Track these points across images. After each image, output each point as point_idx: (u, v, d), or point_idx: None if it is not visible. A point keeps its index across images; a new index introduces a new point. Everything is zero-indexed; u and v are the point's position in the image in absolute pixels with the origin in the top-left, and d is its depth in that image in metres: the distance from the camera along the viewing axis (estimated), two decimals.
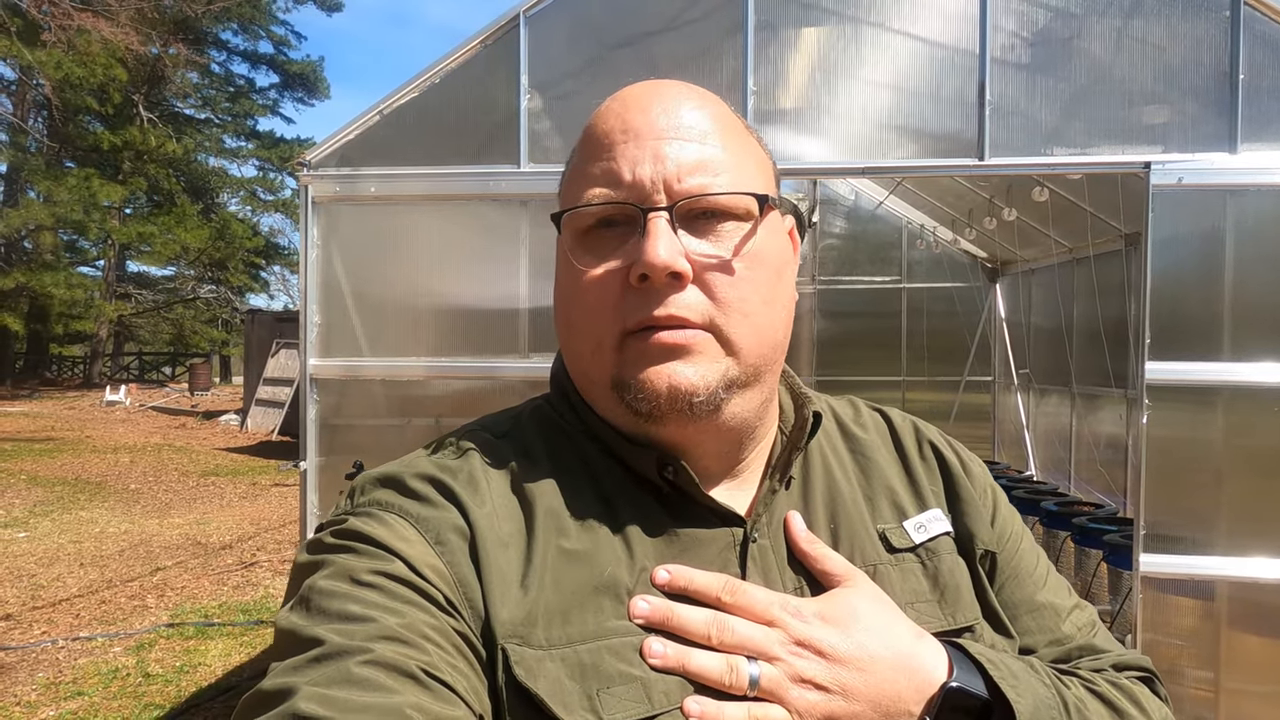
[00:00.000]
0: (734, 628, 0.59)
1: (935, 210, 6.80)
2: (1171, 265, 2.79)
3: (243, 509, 9.46)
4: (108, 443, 14.35)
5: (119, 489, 10.49)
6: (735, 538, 0.65)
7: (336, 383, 2.99)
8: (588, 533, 0.63)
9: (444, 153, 2.94)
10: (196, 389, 22.49)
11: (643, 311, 0.62)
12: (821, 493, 0.71)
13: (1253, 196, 2.75)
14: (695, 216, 0.64)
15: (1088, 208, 4.61)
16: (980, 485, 0.77)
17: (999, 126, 2.84)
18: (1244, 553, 2.75)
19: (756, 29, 2.89)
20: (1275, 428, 2.75)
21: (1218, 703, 2.77)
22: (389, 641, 0.52)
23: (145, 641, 5.33)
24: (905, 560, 0.70)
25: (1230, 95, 2.76)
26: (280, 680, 0.50)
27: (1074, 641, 0.74)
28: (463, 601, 0.58)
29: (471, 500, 0.62)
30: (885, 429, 0.80)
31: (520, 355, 2.92)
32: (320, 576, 0.57)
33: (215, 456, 13.18)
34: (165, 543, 7.88)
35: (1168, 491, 2.79)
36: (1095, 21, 2.85)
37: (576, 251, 0.65)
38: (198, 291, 29.47)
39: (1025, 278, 6.60)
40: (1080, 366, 5.37)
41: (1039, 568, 0.76)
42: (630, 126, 0.65)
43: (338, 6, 28.63)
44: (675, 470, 0.64)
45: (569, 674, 0.56)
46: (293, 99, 29.99)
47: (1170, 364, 2.76)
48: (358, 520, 0.61)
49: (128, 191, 25.08)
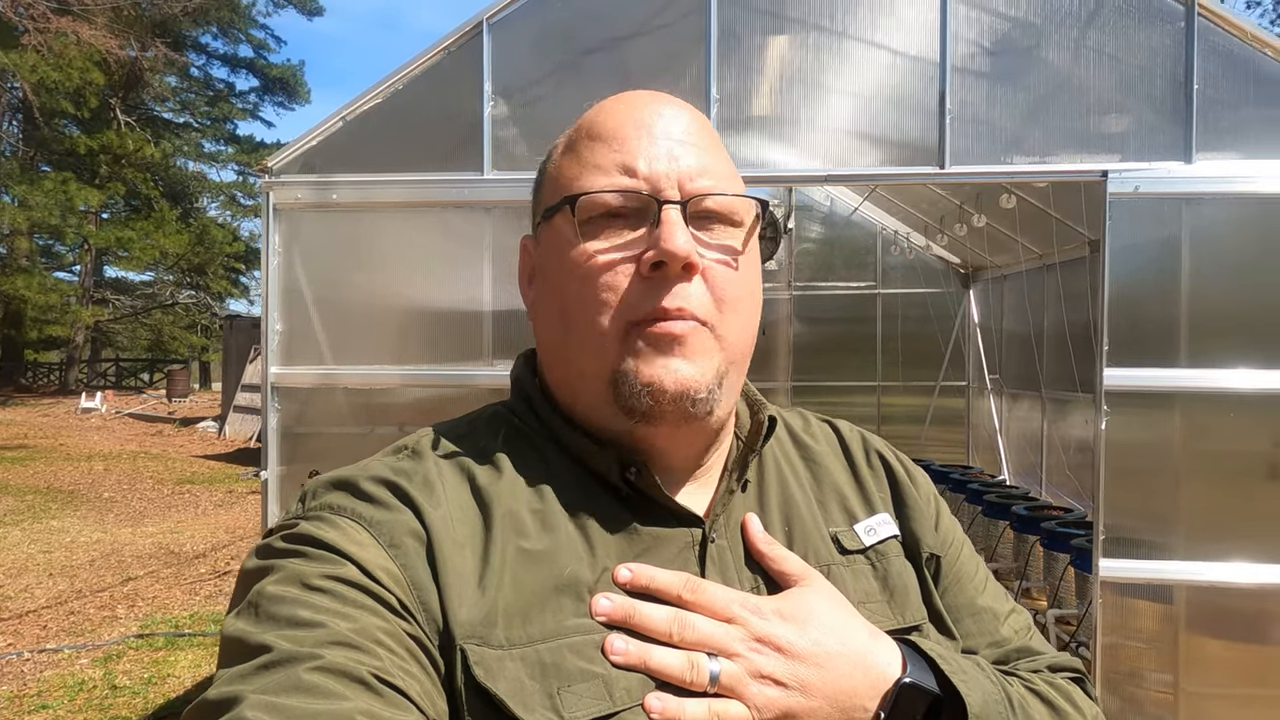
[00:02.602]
0: (695, 625, 0.60)
1: (909, 216, 6.85)
2: (1129, 273, 2.83)
3: (218, 517, 9.36)
4: (82, 450, 14.17)
5: (92, 497, 10.35)
6: (694, 538, 0.66)
7: (299, 391, 2.97)
8: (548, 533, 0.63)
9: (408, 159, 2.93)
10: (174, 395, 22.25)
11: (651, 301, 0.63)
12: (776, 496, 0.73)
13: (1208, 205, 2.79)
14: (699, 217, 0.66)
15: (1054, 214, 4.66)
16: (925, 493, 0.79)
17: (960, 135, 2.86)
18: (1202, 557, 2.78)
19: (720, 37, 2.90)
20: (1231, 433, 2.78)
21: (1177, 705, 2.80)
22: (339, 647, 0.51)
23: (113, 653, 5.26)
24: (856, 562, 0.71)
25: (1185, 105, 2.80)
26: (227, 689, 0.49)
27: (1012, 644, 0.76)
28: (417, 605, 0.57)
29: (427, 502, 0.61)
30: (834, 438, 0.82)
31: (484, 362, 2.91)
32: (269, 582, 0.56)
33: (192, 464, 13.05)
34: (137, 552, 7.79)
35: (1127, 497, 2.82)
36: (1054, 32, 2.88)
37: (582, 239, 0.66)
38: (176, 297, 29.18)
39: (997, 284, 6.66)
40: (1050, 371, 5.42)
41: (979, 574, 0.79)
42: (644, 124, 0.67)
43: (318, 10, 28.48)
44: (638, 471, 0.65)
45: (529, 673, 0.56)
46: (273, 103, 29.79)
47: (1128, 370, 2.79)
48: (309, 524, 0.60)
49: (105, 196, 24.81)
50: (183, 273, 28.26)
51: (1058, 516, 4.68)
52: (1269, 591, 2.76)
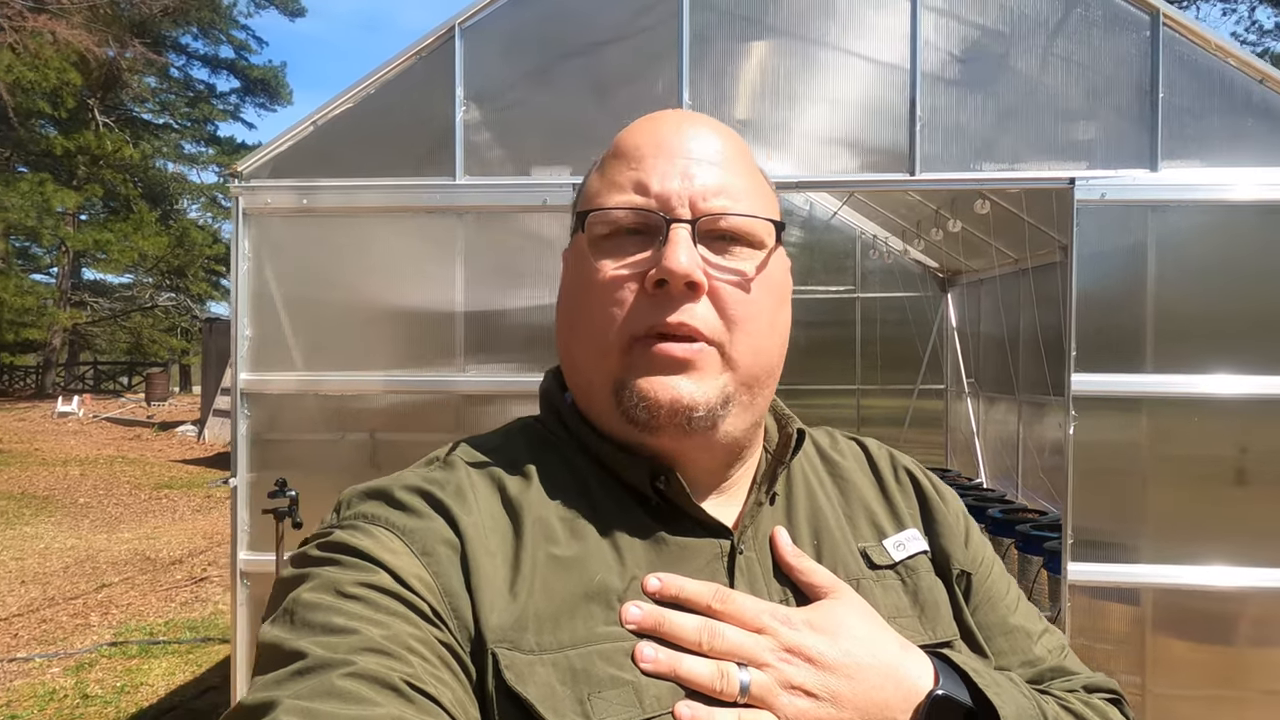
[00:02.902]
0: (725, 634, 0.60)
1: (888, 221, 6.90)
2: (1097, 279, 2.86)
3: (195, 522, 9.27)
4: (57, 455, 13.99)
5: (66, 503, 10.22)
6: (722, 549, 0.67)
7: (269, 397, 2.94)
8: (577, 540, 0.63)
9: (379, 164, 2.92)
10: (153, 399, 22.01)
11: (654, 317, 0.64)
12: (805, 510, 0.73)
13: (1173, 212, 2.83)
14: (715, 237, 0.66)
15: (1027, 219, 4.70)
16: (954, 510, 0.79)
17: (930, 141, 2.88)
18: (1169, 560, 2.81)
19: (692, 43, 2.91)
20: (1197, 438, 2.82)
21: (1144, 706, 2.83)
22: (372, 654, 0.52)
23: (85, 661, 5.19)
24: (886, 577, 0.71)
25: (1151, 114, 2.83)
26: (262, 694, 0.50)
27: (1046, 663, 0.75)
28: (449, 612, 0.58)
29: (459, 510, 0.62)
30: (861, 455, 0.82)
31: (456, 369, 2.90)
32: (305, 589, 0.57)
33: (170, 469, 12.91)
34: (112, 558, 7.69)
35: (1095, 500, 2.85)
36: (1023, 40, 2.91)
37: (595, 253, 0.67)
38: (156, 300, 28.87)
39: (974, 288, 6.71)
40: (1025, 375, 5.48)
41: (1010, 593, 0.79)
42: (662, 143, 0.68)
43: (300, 12, 28.29)
44: (667, 480, 0.65)
45: (560, 678, 0.56)
46: (254, 104, 29.57)
47: (1095, 376, 2.82)
48: (343, 533, 0.61)
49: (83, 197, 24.52)
50: (162, 275, 27.97)
51: (1033, 519, 4.72)
52: (1233, 594, 2.80)
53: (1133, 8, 2.84)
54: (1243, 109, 2.83)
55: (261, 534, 2.86)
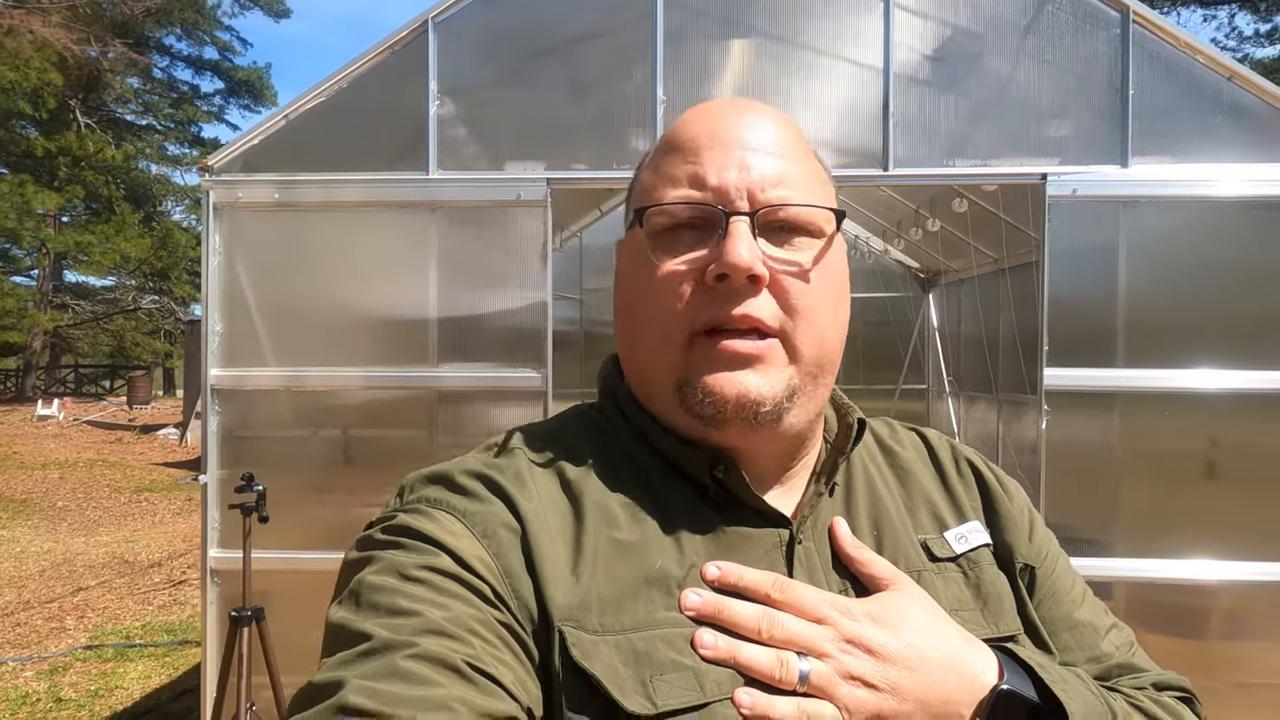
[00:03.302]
0: (784, 623, 0.60)
1: (869, 221, 6.93)
2: (1069, 274, 2.88)
3: (175, 525, 9.18)
4: (36, 459, 13.82)
5: (44, 506, 10.10)
6: (781, 539, 0.66)
7: (240, 394, 2.92)
8: (638, 526, 0.63)
9: (351, 158, 2.90)
10: (135, 402, 21.81)
11: (717, 311, 0.63)
12: (864, 501, 0.72)
13: (1144, 208, 2.85)
14: (774, 228, 0.66)
15: (1004, 217, 4.73)
16: (1018, 504, 0.77)
17: (903, 140, 2.90)
18: (1141, 554, 2.83)
19: (666, 41, 2.91)
20: (1168, 432, 2.84)
21: None
22: (434, 635, 0.53)
23: (60, 665, 5.13)
24: (947, 569, 0.70)
25: (1122, 111, 2.85)
26: (330, 674, 0.52)
27: (1113, 660, 0.73)
28: (510, 594, 0.58)
29: (519, 494, 0.63)
30: (922, 446, 0.81)
31: (429, 365, 2.88)
32: (369, 572, 0.58)
33: (151, 472, 12.79)
34: (90, 561, 7.61)
35: (1068, 495, 2.86)
36: (996, 39, 2.93)
37: (653, 249, 0.67)
38: (139, 302, 28.61)
39: (954, 288, 6.75)
40: (1004, 374, 5.50)
41: (1075, 587, 0.77)
42: (717, 134, 0.67)
43: (285, 13, 28.15)
44: (726, 469, 0.65)
45: (622, 660, 0.57)
46: (239, 106, 29.37)
47: (1068, 370, 2.83)
48: (407, 516, 0.62)
49: (64, 199, 24.27)
50: (145, 277, 27.72)
51: None
52: (1205, 587, 2.82)
53: (1103, 5, 2.86)
54: (1212, 106, 2.86)
55: (232, 532, 2.83)
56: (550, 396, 2.81)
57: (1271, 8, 18.04)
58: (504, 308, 2.88)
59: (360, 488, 2.86)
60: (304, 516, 2.90)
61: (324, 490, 2.92)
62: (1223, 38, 18.91)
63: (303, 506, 2.89)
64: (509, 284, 2.88)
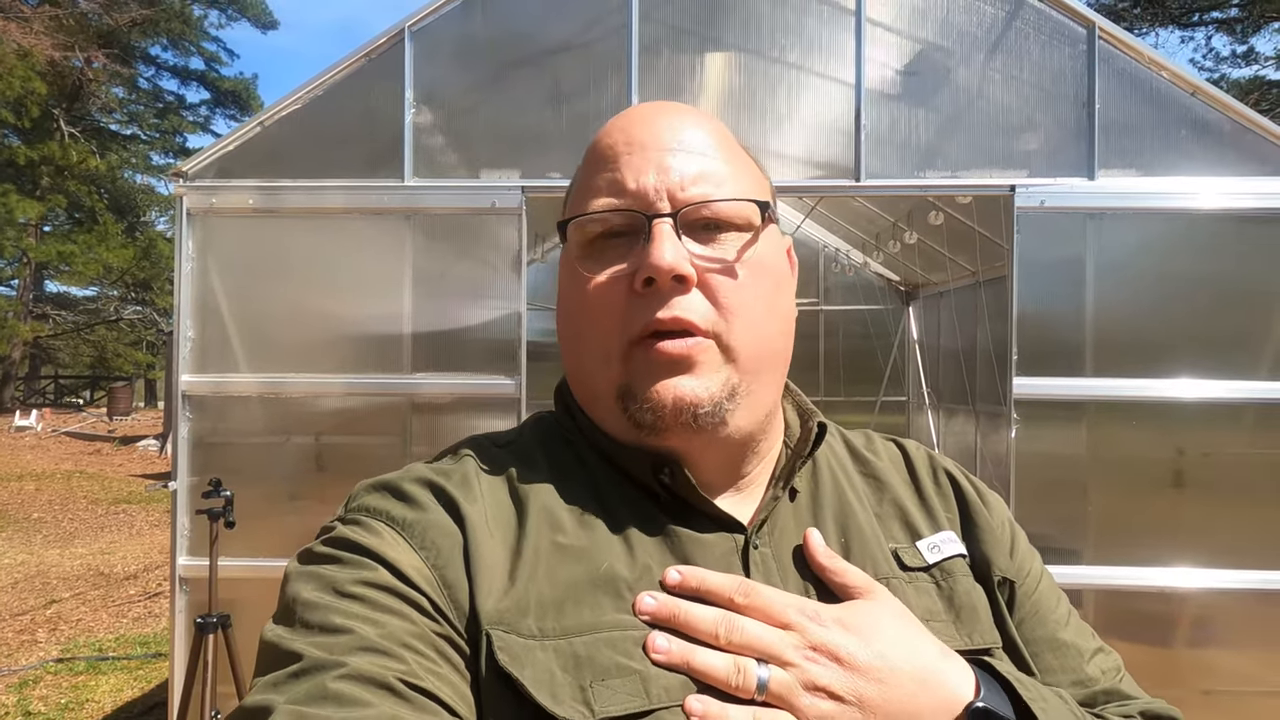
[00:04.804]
0: (744, 627, 0.57)
1: (849, 234, 6.99)
2: (1037, 284, 2.92)
3: (153, 537, 9.07)
4: (12, 470, 13.64)
5: (19, 518, 9.96)
6: (736, 544, 0.64)
7: (212, 400, 2.90)
8: (585, 531, 0.62)
9: (327, 165, 2.91)
10: (116, 413, 21.57)
11: (646, 315, 0.62)
12: (832, 507, 0.70)
13: (1110, 220, 2.89)
14: (699, 227, 0.64)
15: (980, 230, 4.79)
16: (998, 517, 0.75)
17: (874, 153, 2.94)
18: (1109, 562, 2.85)
19: (641, 54, 2.94)
20: (1135, 441, 2.87)
21: None
22: (366, 653, 0.51)
23: (30, 678, 5.04)
24: (919, 579, 0.68)
25: (1088, 124, 2.91)
26: (260, 697, 0.51)
27: (1099, 685, 0.70)
28: (448, 604, 0.57)
29: (463, 499, 0.62)
30: (899, 455, 0.79)
31: (403, 372, 2.88)
32: (305, 588, 0.57)
33: (129, 483, 12.64)
34: (64, 573, 7.50)
35: (1037, 503, 2.88)
36: (965, 54, 2.98)
37: (582, 261, 0.66)
38: (121, 313, 28.37)
39: (934, 301, 6.81)
40: (981, 387, 5.55)
41: (1060, 607, 0.74)
42: (634, 139, 0.66)
43: (273, 24, 28.18)
44: (671, 472, 0.63)
45: (561, 664, 0.54)
46: (225, 116, 29.31)
47: (1036, 379, 2.87)
48: (346, 528, 0.61)
49: (46, 208, 24.08)
50: (128, 288, 27.50)
51: None
52: (1173, 595, 2.84)
53: (1070, 21, 2.92)
54: (1177, 121, 2.91)
55: (202, 539, 2.81)
56: (524, 405, 2.81)
57: (1247, 29, 18.40)
58: (479, 315, 2.89)
59: (333, 495, 2.84)
60: (277, 524, 2.88)
61: (297, 497, 2.90)
62: (1200, 58, 19.27)
63: (275, 514, 2.87)
64: (484, 291, 2.89)
